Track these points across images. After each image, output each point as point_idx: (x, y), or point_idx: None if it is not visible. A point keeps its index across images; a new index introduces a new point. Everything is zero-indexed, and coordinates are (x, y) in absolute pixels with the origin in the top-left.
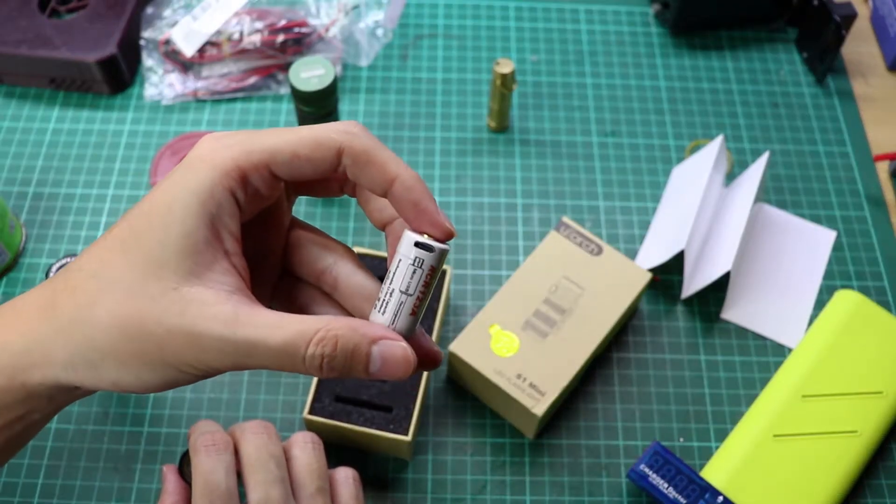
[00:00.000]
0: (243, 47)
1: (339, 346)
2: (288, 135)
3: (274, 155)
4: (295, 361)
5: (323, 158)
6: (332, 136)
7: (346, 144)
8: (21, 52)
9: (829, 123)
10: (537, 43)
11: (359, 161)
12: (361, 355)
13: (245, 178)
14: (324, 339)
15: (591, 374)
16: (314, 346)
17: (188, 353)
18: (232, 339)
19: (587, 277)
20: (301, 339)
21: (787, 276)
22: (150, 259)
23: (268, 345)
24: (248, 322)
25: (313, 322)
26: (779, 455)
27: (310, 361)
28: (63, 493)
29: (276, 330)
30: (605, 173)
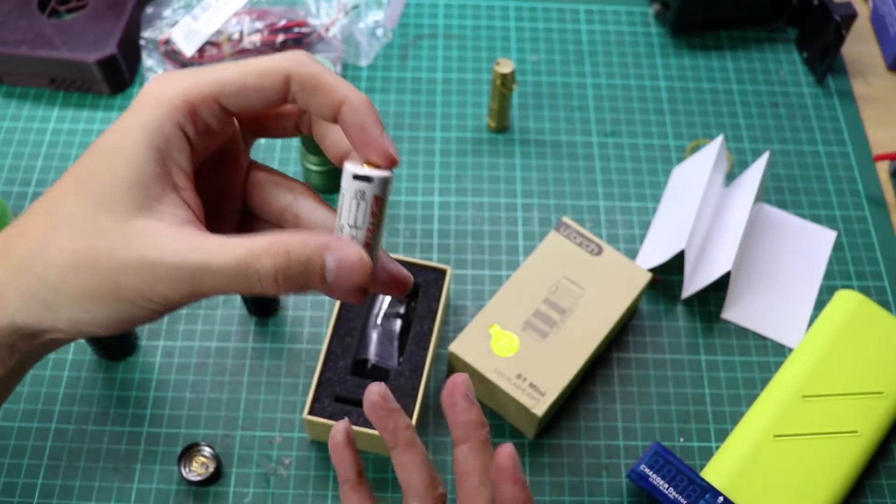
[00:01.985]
0: (243, 47)
1: (292, 257)
2: (235, 67)
3: (222, 87)
4: (249, 279)
5: (272, 86)
6: (278, 64)
7: (293, 70)
8: (21, 52)
9: (829, 123)
10: (537, 43)
11: (306, 86)
12: (316, 264)
13: (194, 111)
14: (275, 253)
15: (592, 375)
16: (267, 259)
17: (142, 285)
18: (183, 265)
19: (587, 277)
20: (252, 255)
21: (787, 276)
22: (100, 195)
23: (219, 265)
24: (198, 247)
25: (263, 238)
26: (779, 455)
27: (265, 278)
28: (62, 493)
29: (226, 250)
30: (606, 173)
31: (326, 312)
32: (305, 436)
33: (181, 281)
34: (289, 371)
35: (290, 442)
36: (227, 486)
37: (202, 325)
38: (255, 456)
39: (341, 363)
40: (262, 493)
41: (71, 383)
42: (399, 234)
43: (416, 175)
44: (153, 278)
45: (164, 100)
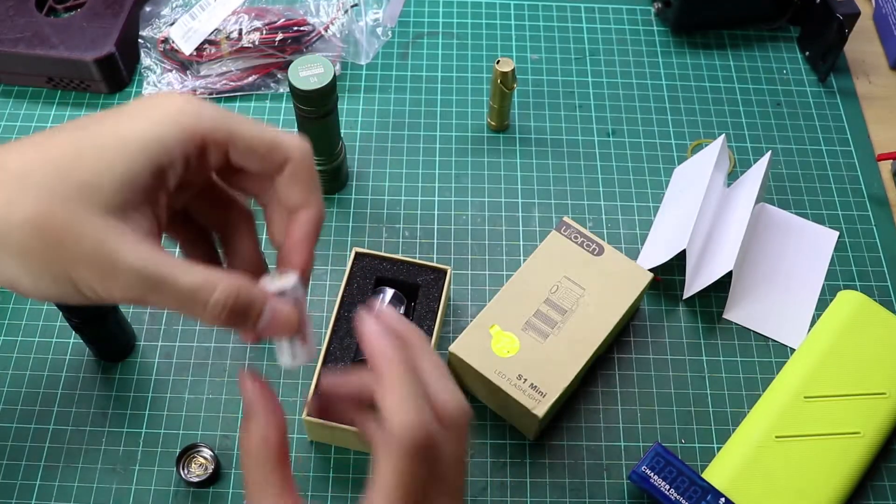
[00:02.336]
0: (242, 46)
1: (240, 298)
2: (254, 127)
3: (237, 141)
4: (196, 305)
5: (271, 161)
6: (289, 148)
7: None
8: (18, 51)
9: (831, 123)
10: (538, 41)
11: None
12: (255, 310)
13: (205, 150)
14: (228, 290)
15: (593, 375)
16: (220, 294)
17: (96, 278)
18: (144, 273)
19: (588, 277)
20: (208, 285)
21: (789, 276)
22: (88, 182)
23: (177, 285)
24: (162, 262)
25: (220, 273)
26: (781, 456)
27: (212, 308)
28: (60, 494)
29: (186, 273)
30: (607, 173)
31: (326, 313)
32: (305, 437)
33: (135, 286)
34: (287, 371)
35: (290, 443)
36: (226, 488)
37: (200, 325)
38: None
39: (341, 364)
40: None
41: (69, 384)
42: (399, 234)
43: (416, 175)
44: (110, 277)
45: (188, 126)
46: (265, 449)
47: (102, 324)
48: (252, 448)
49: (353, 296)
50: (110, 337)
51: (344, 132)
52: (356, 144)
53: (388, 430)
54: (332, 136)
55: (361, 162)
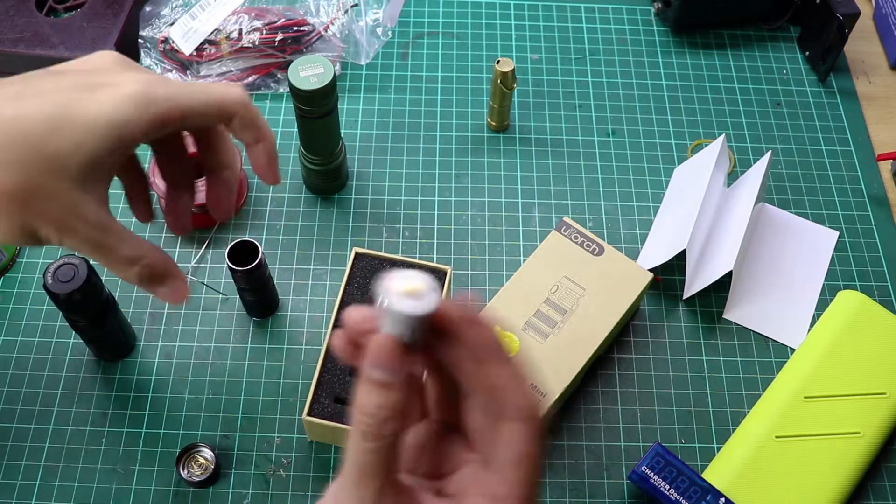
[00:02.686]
0: (242, 46)
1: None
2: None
3: (190, 115)
4: (125, 271)
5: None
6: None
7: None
8: (18, 51)
9: (831, 123)
10: (538, 41)
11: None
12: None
13: (164, 124)
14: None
15: (593, 375)
16: (142, 267)
17: (56, 235)
18: (94, 239)
19: (588, 277)
20: (137, 259)
21: (789, 276)
22: (59, 157)
23: (115, 253)
24: (111, 230)
25: (148, 247)
26: (781, 456)
27: (133, 275)
28: (60, 494)
29: (125, 244)
30: (607, 173)
31: (326, 312)
32: (305, 437)
33: (84, 246)
34: (288, 372)
35: (290, 443)
36: (226, 488)
37: (200, 325)
38: (254, 457)
39: (340, 364)
40: (262, 493)
41: (69, 384)
42: (399, 234)
43: (416, 175)
44: (68, 235)
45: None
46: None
47: (102, 324)
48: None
49: (353, 296)
50: (110, 337)
51: (344, 132)
52: (356, 144)
53: (533, 412)
54: (332, 136)
55: (361, 162)
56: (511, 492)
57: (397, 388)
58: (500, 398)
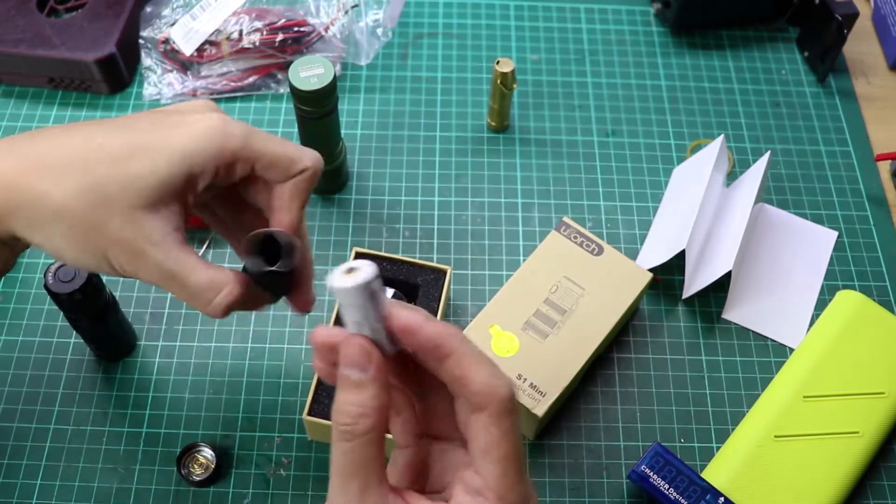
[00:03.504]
0: (242, 46)
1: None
2: (278, 145)
3: (262, 158)
4: (199, 302)
5: (291, 172)
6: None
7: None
8: (19, 52)
9: (830, 123)
10: (538, 42)
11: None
12: (258, 305)
13: (234, 165)
14: (229, 293)
15: (592, 375)
16: (222, 298)
17: (128, 262)
18: (164, 265)
19: (588, 277)
20: (214, 287)
21: (788, 276)
22: (133, 180)
23: (188, 280)
24: (178, 259)
25: (227, 275)
26: (780, 456)
27: (213, 308)
28: (61, 494)
29: (198, 271)
30: (606, 173)
31: (326, 313)
32: (305, 436)
33: (154, 274)
34: (288, 372)
35: (290, 443)
36: (226, 487)
37: (201, 325)
38: (255, 457)
39: None
40: (262, 493)
41: (69, 384)
42: (399, 234)
43: (416, 175)
44: (137, 262)
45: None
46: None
47: (103, 324)
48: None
49: None
50: (111, 337)
51: (344, 132)
52: (356, 144)
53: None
54: (332, 136)
55: (361, 162)
56: (487, 483)
57: (368, 386)
58: (466, 390)
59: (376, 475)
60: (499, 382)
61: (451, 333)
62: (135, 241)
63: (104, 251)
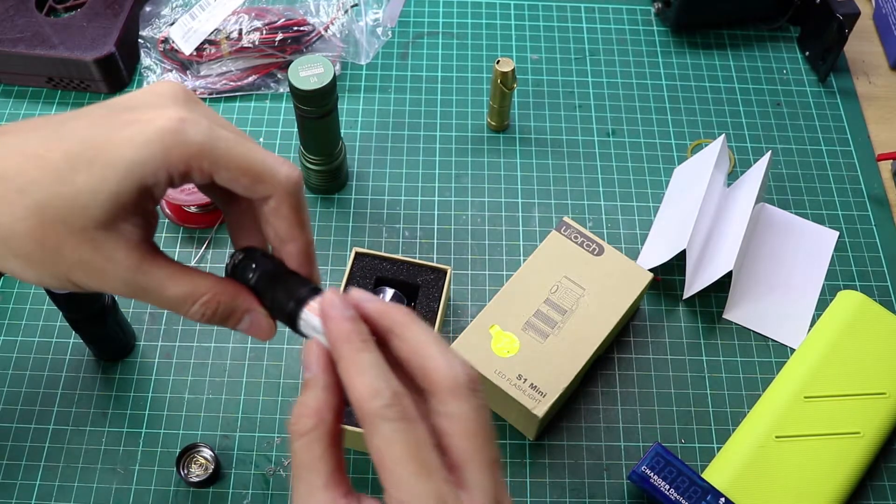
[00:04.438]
0: (242, 46)
1: (220, 309)
2: (241, 158)
3: (221, 171)
4: (180, 311)
5: (254, 193)
6: (274, 183)
7: (279, 196)
8: (18, 51)
9: (831, 123)
10: (538, 41)
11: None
12: (234, 319)
13: (189, 172)
14: (208, 302)
15: (593, 375)
16: (199, 307)
17: (92, 281)
18: (132, 281)
19: (588, 277)
20: (190, 298)
21: (789, 276)
22: (78, 199)
23: (161, 294)
24: (149, 271)
25: (203, 284)
26: (781, 456)
27: (193, 314)
28: (60, 494)
29: (171, 283)
30: (607, 173)
31: None
32: None
33: (123, 290)
34: (288, 372)
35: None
36: (226, 488)
37: (200, 325)
38: (254, 457)
39: None
40: (262, 494)
41: (69, 384)
42: (399, 234)
43: (416, 175)
44: (103, 281)
45: (172, 153)
46: (318, 427)
47: (102, 324)
48: (301, 425)
49: None
50: (110, 337)
51: (344, 132)
52: (356, 144)
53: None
54: (332, 136)
55: (361, 162)
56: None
57: (310, 386)
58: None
59: (322, 477)
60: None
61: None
62: (95, 263)
63: (65, 274)
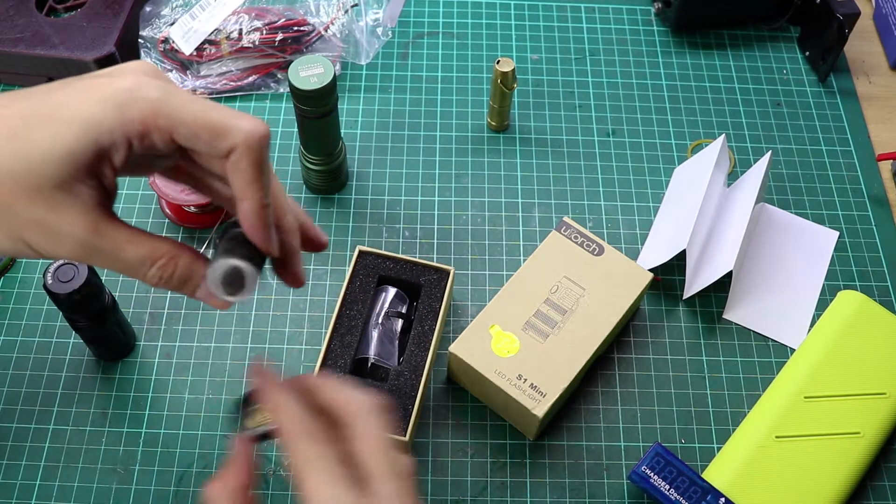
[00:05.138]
0: (242, 46)
1: (177, 273)
2: (198, 113)
3: (178, 127)
4: (137, 274)
5: (218, 148)
6: (235, 137)
7: (240, 149)
8: (18, 51)
9: (831, 123)
10: (538, 41)
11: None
12: (192, 284)
13: (147, 134)
14: (165, 266)
15: (593, 375)
16: (156, 269)
17: (44, 242)
18: (87, 242)
19: (588, 277)
20: (149, 260)
21: (789, 276)
22: (32, 157)
23: (118, 256)
24: (107, 232)
25: (161, 247)
26: (781, 456)
27: (150, 278)
28: (60, 494)
29: (129, 245)
30: (607, 173)
31: (327, 312)
32: None
33: (78, 251)
34: (288, 372)
35: None
36: None
37: (200, 325)
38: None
39: (341, 362)
40: (262, 494)
41: (69, 384)
42: (399, 234)
43: (416, 175)
44: (55, 242)
45: (127, 115)
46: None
47: (102, 324)
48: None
49: (355, 293)
50: (110, 337)
51: (344, 132)
52: (356, 144)
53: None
54: (332, 136)
55: (361, 162)
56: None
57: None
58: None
59: None
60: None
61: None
62: (49, 222)
63: (17, 234)
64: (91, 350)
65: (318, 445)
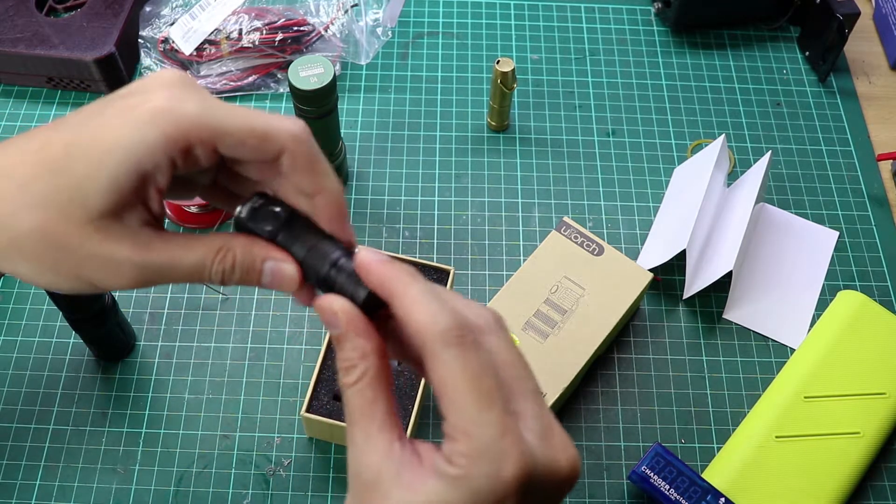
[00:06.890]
0: (242, 46)
1: (238, 262)
2: (241, 120)
3: (224, 136)
4: (202, 277)
5: (265, 153)
6: (282, 135)
7: (290, 150)
8: (18, 51)
9: (831, 123)
10: (538, 41)
11: (298, 167)
12: (255, 270)
13: (189, 149)
14: (224, 258)
15: (593, 375)
16: (217, 265)
17: (103, 275)
18: (146, 264)
19: (588, 277)
20: (208, 258)
21: (789, 276)
22: (78, 189)
23: (180, 266)
24: (161, 248)
25: (214, 242)
26: (781, 457)
27: (214, 276)
28: (60, 494)
29: (186, 252)
30: (607, 173)
31: None
32: (304, 437)
33: (140, 276)
34: (288, 372)
35: (290, 443)
36: (226, 488)
37: (200, 325)
38: (254, 457)
39: None
40: (262, 494)
41: (69, 384)
42: (399, 234)
43: (416, 175)
44: (115, 273)
45: (168, 131)
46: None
47: (102, 324)
48: (350, 376)
49: None
50: (110, 337)
51: (344, 132)
52: (356, 144)
53: (428, 334)
54: (332, 136)
55: (361, 162)
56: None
57: (343, 340)
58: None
59: (376, 422)
60: (434, 316)
61: (396, 276)
62: (104, 254)
63: (75, 271)
64: (91, 350)
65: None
